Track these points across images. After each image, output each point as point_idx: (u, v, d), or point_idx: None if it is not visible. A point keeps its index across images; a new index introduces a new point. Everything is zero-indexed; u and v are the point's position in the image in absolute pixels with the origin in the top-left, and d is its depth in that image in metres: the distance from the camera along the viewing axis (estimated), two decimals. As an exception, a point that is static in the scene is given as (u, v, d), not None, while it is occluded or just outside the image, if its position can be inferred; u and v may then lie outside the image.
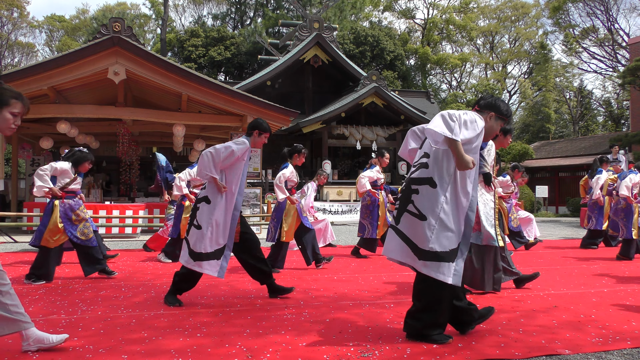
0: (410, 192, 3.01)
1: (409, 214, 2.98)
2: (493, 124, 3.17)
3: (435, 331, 3.01)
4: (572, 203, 17.31)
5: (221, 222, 4.02)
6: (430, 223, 2.92)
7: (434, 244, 2.91)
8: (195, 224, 4.03)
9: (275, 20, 34.01)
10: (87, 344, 2.99)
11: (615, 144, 14.01)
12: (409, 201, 3.00)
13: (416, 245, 2.95)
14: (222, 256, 4.02)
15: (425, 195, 2.95)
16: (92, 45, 9.83)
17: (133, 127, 12.49)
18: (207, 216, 4.00)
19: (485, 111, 3.17)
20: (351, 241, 9.48)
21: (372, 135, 21.11)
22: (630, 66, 16.73)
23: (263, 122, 4.41)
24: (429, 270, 2.93)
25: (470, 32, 36.98)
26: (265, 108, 11.37)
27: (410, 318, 3.08)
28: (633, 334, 3.22)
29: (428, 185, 2.95)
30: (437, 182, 2.94)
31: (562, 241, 9.61)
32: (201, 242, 3.97)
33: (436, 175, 2.95)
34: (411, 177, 3.07)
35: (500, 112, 3.17)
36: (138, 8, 44.34)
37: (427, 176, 2.97)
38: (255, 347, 2.95)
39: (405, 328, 3.10)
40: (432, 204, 2.93)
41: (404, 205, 3.02)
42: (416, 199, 2.97)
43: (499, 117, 3.17)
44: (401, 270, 5.95)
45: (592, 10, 27.19)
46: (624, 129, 28.46)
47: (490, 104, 3.19)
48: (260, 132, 4.35)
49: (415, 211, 2.96)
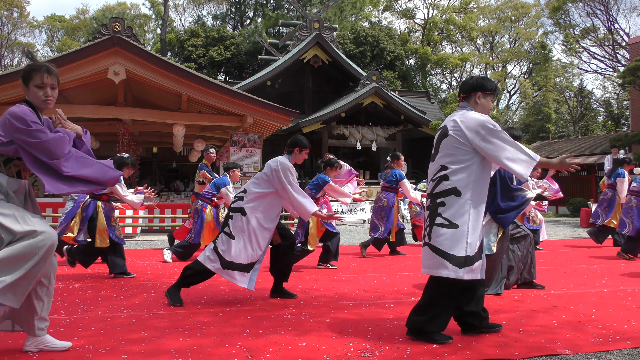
0: (437, 206, 3.04)
1: (439, 226, 3.01)
2: (483, 102, 3.16)
3: (436, 329, 3.02)
4: (572, 203, 17.31)
5: (259, 237, 4.04)
6: (462, 229, 2.97)
7: (468, 249, 2.96)
8: (228, 232, 4.03)
9: (275, 20, 34.01)
10: (87, 344, 2.99)
11: (615, 144, 14.01)
12: (437, 214, 3.03)
13: (449, 253, 2.96)
14: (252, 269, 4.07)
15: (452, 204, 2.99)
16: (92, 45, 9.84)
17: (133, 127, 12.49)
18: (241, 228, 4.01)
19: (471, 95, 3.18)
20: (351, 241, 9.48)
21: (372, 135, 21.12)
22: (630, 66, 16.72)
23: (302, 139, 4.44)
24: (450, 273, 2.96)
25: (470, 32, 36.96)
26: (265, 108, 11.37)
27: (415, 313, 3.09)
28: (633, 334, 3.22)
29: (453, 195, 2.99)
30: (461, 191, 2.99)
31: (562, 241, 9.61)
32: (234, 252, 3.97)
33: (459, 184, 2.99)
34: (433, 192, 3.08)
35: (485, 88, 3.17)
36: (138, 8, 44.39)
37: (450, 187, 3.01)
38: (255, 347, 2.95)
39: (407, 324, 3.12)
40: (461, 212, 2.98)
41: (433, 219, 3.05)
42: (443, 210, 3.00)
43: (487, 94, 3.17)
44: (401, 271, 5.95)
45: (592, 10, 27.17)
46: (624, 129, 28.46)
47: (472, 85, 3.19)
48: (301, 148, 4.39)
49: (445, 222, 2.99)
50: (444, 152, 3.08)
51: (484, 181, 3.09)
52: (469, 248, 2.96)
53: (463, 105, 3.19)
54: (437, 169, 3.10)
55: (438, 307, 3.04)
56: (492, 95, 3.19)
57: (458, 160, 3.01)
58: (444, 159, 3.07)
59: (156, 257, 7.15)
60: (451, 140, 3.05)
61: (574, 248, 8.39)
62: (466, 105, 3.17)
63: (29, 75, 2.71)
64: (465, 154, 3.01)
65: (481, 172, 3.06)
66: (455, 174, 3.00)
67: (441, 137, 3.13)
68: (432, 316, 3.02)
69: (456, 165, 3.01)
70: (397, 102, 20.99)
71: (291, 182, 4.10)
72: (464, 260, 2.95)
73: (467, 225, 2.97)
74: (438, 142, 3.15)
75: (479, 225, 3.03)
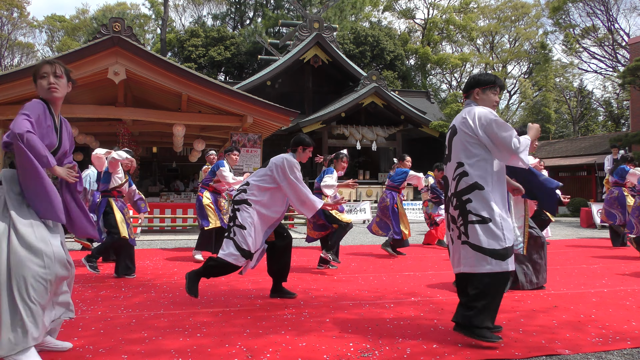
0: (465, 204, 3.04)
1: (473, 224, 3.01)
2: (483, 97, 3.18)
3: (485, 324, 2.96)
4: (572, 203, 17.31)
5: (260, 229, 4.07)
6: (496, 221, 2.97)
7: (506, 240, 2.97)
8: (239, 224, 4.04)
9: (275, 20, 34.01)
10: (87, 344, 2.99)
11: (615, 144, 14.00)
12: (467, 212, 3.03)
13: (489, 248, 2.95)
14: (251, 258, 4.09)
15: (479, 199, 3.00)
16: (92, 45, 9.84)
17: (133, 127, 12.49)
18: (249, 219, 4.04)
19: (470, 92, 3.23)
20: (350, 241, 9.48)
21: (372, 135, 21.12)
22: (630, 66, 16.72)
23: (306, 138, 4.46)
24: (495, 267, 2.94)
25: (471, 32, 36.94)
26: (265, 108, 11.37)
27: (463, 307, 3.03)
28: (633, 334, 3.22)
29: (477, 190, 3.00)
30: (482, 184, 3.00)
31: (562, 241, 9.61)
32: (247, 240, 4.01)
33: (479, 177, 3.01)
34: (457, 191, 3.08)
35: (481, 83, 3.19)
36: (138, 8, 44.39)
37: (471, 182, 3.02)
38: (255, 347, 2.95)
39: (454, 317, 3.07)
40: (489, 204, 2.98)
41: (465, 218, 3.04)
42: (472, 207, 3.01)
43: (485, 89, 3.18)
44: (401, 271, 5.95)
45: (592, 10, 27.17)
46: (624, 129, 28.46)
47: (470, 83, 3.25)
48: (305, 147, 4.42)
49: (477, 217, 2.99)
50: (458, 149, 3.10)
51: (503, 169, 3.13)
52: (506, 239, 2.97)
53: (467, 103, 3.24)
54: (455, 166, 3.11)
55: (485, 301, 2.98)
56: (492, 88, 3.19)
57: (473, 154, 3.04)
58: (459, 155, 3.08)
59: (156, 257, 7.15)
60: (461, 136, 3.08)
61: (574, 248, 8.39)
62: (470, 103, 3.21)
63: (35, 72, 2.75)
64: (478, 147, 3.04)
65: (496, 165, 3.08)
66: (473, 168, 3.02)
67: (452, 135, 3.17)
68: (479, 311, 2.96)
69: (472, 160, 3.03)
70: (397, 102, 20.99)
71: (298, 178, 4.13)
72: (505, 251, 2.95)
73: (498, 216, 2.98)
74: (450, 142, 3.19)
75: (509, 213, 3.04)
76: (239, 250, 3.98)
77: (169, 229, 11.28)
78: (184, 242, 9.23)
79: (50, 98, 2.73)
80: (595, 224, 12.98)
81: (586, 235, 10.97)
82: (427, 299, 4.32)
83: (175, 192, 15.85)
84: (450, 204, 3.16)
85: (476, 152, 3.04)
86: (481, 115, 3.05)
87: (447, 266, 6.29)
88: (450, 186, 3.17)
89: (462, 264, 3.09)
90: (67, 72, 2.81)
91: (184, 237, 9.96)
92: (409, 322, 3.54)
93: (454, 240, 3.17)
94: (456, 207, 3.10)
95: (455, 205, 3.10)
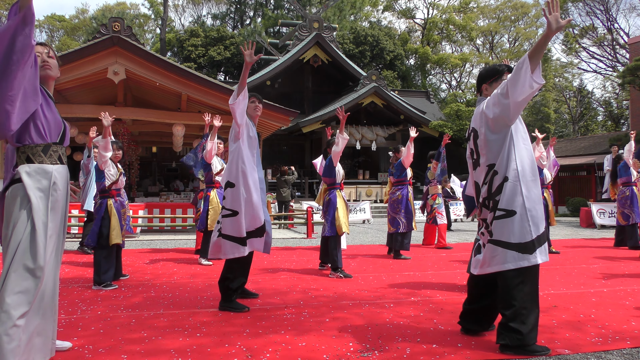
0: (497, 203, 2.97)
1: (498, 219, 2.95)
2: (491, 90, 3.14)
3: (534, 338, 2.85)
4: (572, 203, 17.30)
5: (253, 199, 3.95)
6: (520, 213, 2.90)
7: (532, 231, 2.89)
8: (230, 212, 3.93)
9: (275, 20, 34.01)
10: (86, 344, 2.99)
11: (615, 144, 13.99)
12: (496, 209, 2.96)
13: (515, 243, 2.88)
14: (264, 233, 4.02)
15: (505, 192, 2.94)
16: (92, 45, 9.83)
17: (133, 126, 12.49)
18: (237, 199, 3.91)
19: (481, 89, 3.21)
20: (350, 241, 9.48)
21: (372, 135, 21.13)
22: (630, 66, 16.72)
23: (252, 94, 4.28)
24: (530, 260, 2.86)
25: (470, 32, 36.95)
26: (265, 108, 11.35)
27: (506, 329, 2.86)
28: (633, 334, 3.22)
29: (504, 183, 2.95)
30: (509, 176, 2.93)
31: (561, 241, 9.61)
32: (241, 225, 3.89)
33: (507, 172, 2.94)
34: (491, 193, 3.00)
35: (486, 77, 3.17)
36: (137, 8, 44.33)
37: (501, 180, 2.95)
38: (255, 347, 2.95)
39: (499, 340, 2.88)
40: (513, 197, 2.92)
41: (494, 214, 2.97)
42: (500, 202, 2.95)
43: (491, 82, 3.15)
44: (401, 271, 5.95)
45: (591, 9, 27.19)
46: (624, 129, 28.46)
47: (478, 81, 3.25)
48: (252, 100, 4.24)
49: (502, 212, 2.94)
50: (484, 152, 3.05)
51: (528, 160, 2.99)
52: (533, 230, 2.89)
53: (478, 100, 3.21)
54: (485, 170, 3.05)
55: (521, 303, 2.85)
56: (498, 79, 3.13)
57: (497, 152, 2.98)
58: (489, 155, 3.03)
59: (156, 257, 7.15)
60: (484, 136, 3.03)
61: (574, 248, 8.39)
62: (481, 99, 3.18)
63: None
64: (500, 144, 2.98)
65: (520, 154, 2.98)
66: (501, 166, 2.97)
67: (475, 139, 3.12)
68: (518, 314, 2.83)
69: (498, 159, 2.98)
70: (397, 102, 21.00)
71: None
72: (533, 243, 2.87)
73: (522, 207, 2.90)
74: (475, 145, 3.13)
75: (536, 205, 2.92)
76: (236, 240, 3.93)
77: (169, 229, 11.27)
78: (183, 242, 9.23)
79: (43, 75, 2.65)
80: (595, 223, 12.98)
81: (586, 235, 10.98)
82: (427, 299, 4.32)
83: (175, 192, 15.85)
84: (483, 207, 3.09)
85: (499, 149, 2.97)
86: (487, 101, 3.02)
87: (447, 266, 6.30)
88: (481, 190, 3.10)
89: (487, 264, 2.98)
90: (57, 57, 2.79)
91: (184, 237, 9.95)
92: (409, 322, 3.54)
93: (485, 245, 3.06)
94: (491, 209, 3.02)
95: (491, 207, 3.02)
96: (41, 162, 2.53)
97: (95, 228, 5.07)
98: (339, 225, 5.58)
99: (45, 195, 2.50)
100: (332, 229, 5.60)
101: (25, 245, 2.39)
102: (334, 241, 5.58)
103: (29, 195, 2.44)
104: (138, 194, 15.65)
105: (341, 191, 5.86)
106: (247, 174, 3.94)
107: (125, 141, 12.14)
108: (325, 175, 5.86)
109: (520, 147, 2.99)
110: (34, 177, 2.49)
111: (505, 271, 2.90)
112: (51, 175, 2.53)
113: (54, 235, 2.52)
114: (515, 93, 2.81)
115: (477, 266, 3.07)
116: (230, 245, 3.90)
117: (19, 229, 2.40)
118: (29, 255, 2.38)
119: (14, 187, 2.48)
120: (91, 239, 5.05)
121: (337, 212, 5.63)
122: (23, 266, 2.36)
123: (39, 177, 2.50)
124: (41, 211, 2.46)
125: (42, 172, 2.51)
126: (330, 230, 5.61)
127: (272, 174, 20.27)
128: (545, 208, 7.50)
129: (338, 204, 5.68)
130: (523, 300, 2.85)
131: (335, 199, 5.70)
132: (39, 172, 2.51)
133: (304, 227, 11.10)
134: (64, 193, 2.62)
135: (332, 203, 5.70)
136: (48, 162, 2.55)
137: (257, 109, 4.25)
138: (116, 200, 5.35)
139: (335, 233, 5.58)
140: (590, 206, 13.50)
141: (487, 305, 3.16)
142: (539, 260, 2.88)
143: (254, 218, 3.97)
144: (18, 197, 2.45)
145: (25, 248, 2.39)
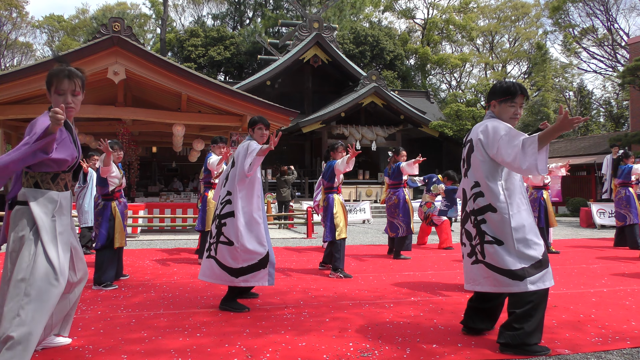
0: (480, 224, 3.00)
1: (488, 244, 2.96)
2: (500, 109, 3.09)
3: (537, 338, 2.88)
4: (572, 203, 17.29)
5: (253, 228, 3.89)
6: (508, 244, 2.90)
7: (522, 260, 2.87)
8: (226, 240, 3.87)
9: (275, 20, 34.01)
10: (86, 344, 2.99)
11: (615, 144, 14.00)
12: (483, 232, 2.99)
13: (505, 269, 2.89)
14: (268, 263, 3.91)
15: (492, 221, 2.95)
16: (92, 45, 9.82)
17: (133, 127, 12.49)
18: (235, 229, 3.85)
19: (490, 103, 3.16)
20: (350, 241, 9.48)
21: (372, 135, 21.12)
22: (629, 66, 16.72)
23: (258, 118, 4.27)
24: (519, 287, 2.85)
25: (470, 32, 36.97)
26: (265, 108, 11.36)
27: (509, 329, 2.90)
28: (633, 334, 3.22)
29: (490, 212, 2.95)
30: (496, 207, 2.93)
31: (561, 241, 9.61)
32: (238, 257, 3.83)
33: (493, 200, 2.94)
34: (474, 210, 3.03)
35: (496, 94, 3.10)
36: (138, 8, 44.32)
37: (485, 204, 2.97)
38: (255, 347, 2.95)
39: (500, 339, 2.93)
40: (501, 227, 2.92)
41: (482, 238, 2.99)
42: (486, 228, 2.97)
43: (500, 101, 3.09)
44: (401, 271, 5.95)
45: (591, 10, 27.19)
46: (624, 129, 28.46)
47: (489, 94, 3.19)
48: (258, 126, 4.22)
49: (491, 239, 2.95)
50: (474, 167, 3.04)
51: (517, 190, 3.00)
52: (523, 260, 2.87)
53: (487, 115, 3.17)
54: (472, 184, 3.06)
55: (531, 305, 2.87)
56: (508, 100, 3.04)
57: (487, 175, 2.97)
58: (476, 174, 3.03)
59: (156, 257, 7.15)
60: (477, 154, 3.02)
61: (574, 248, 8.39)
62: (489, 114, 3.14)
63: (50, 81, 2.55)
64: (492, 169, 2.97)
65: (512, 182, 2.99)
66: (488, 190, 2.96)
67: (470, 151, 3.09)
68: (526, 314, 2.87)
69: (487, 181, 2.96)
70: (397, 102, 20.99)
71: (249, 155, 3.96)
72: (523, 271, 2.86)
73: (510, 238, 2.90)
74: (468, 156, 3.11)
75: (525, 234, 2.91)
76: (229, 271, 3.91)
77: (169, 229, 11.27)
78: (183, 242, 9.23)
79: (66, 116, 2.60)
80: (595, 223, 12.98)
81: (586, 235, 10.97)
82: (427, 299, 4.32)
83: (175, 192, 15.84)
84: (468, 219, 3.10)
85: (492, 172, 2.96)
86: (491, 130, 2.95)
87: (447, 266, 6.29)
88: (468, 202, 3.11)
89: (479, 283, 3.02)
90: (83, 83, 2.65)
91: (184, 237, 9.95)
92: (409, 322, 3.54)
93: (464, 257, 3.14)
94: (474, 225, 3.04)
95: (474, 223, 3.05)
96: (48, 189, 2.55)
97: (103, 231, 5.06)
98: (338, 232, 5.61)
99: (50, 216, 2.54)
100: (332, 234, 5.63)
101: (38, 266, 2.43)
102: (337, 245, 5.60)
103: (35, 219, 2.48)
104: (138, 194, 15.65)
105: (339, 194, 5.89)
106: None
107: (125, 141, 12.14)
108: (325, 179, 5.91)
109: (509, 173, 2.99)
110: (41, 203, 2.52)
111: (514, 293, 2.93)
112: (57, 202, 2.56)
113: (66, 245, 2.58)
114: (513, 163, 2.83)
115: (469, 281, 3.11)
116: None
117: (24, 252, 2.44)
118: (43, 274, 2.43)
119: (20, 208, 2.51)
120: (100, 242, 5.04)
121: (335, 218, 5.65)
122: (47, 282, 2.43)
123: (45, 202, 2.53)
124: (48, 228, 2.50)
125: (49, 199, 2.54)
126: (329, 235, 5.66)
127: (272, 174, 20.27)
128: (545, 209, 7.52)
129: (335, 208, 5.71)
130: (533, 302, 2.87)
131: (333, 204, 5.73)
132: (46, 198, 2.54)
133: (304, 227, 11.09)
134: (68, 218, 2.67)
135: (330, 208, 5.72)
136: (55, 189, 2.57)
137: (263, 136, 4.21)
138: (120, 202, 5.33)
139: (334, 239, 5.60)
140: (590, 206, 13.50)
141: (496, 305, 3.19)
142: (531, 288, 2.83)
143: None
144: (24, 219, 2.49)
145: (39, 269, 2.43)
